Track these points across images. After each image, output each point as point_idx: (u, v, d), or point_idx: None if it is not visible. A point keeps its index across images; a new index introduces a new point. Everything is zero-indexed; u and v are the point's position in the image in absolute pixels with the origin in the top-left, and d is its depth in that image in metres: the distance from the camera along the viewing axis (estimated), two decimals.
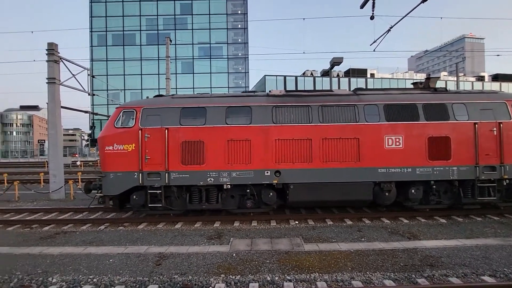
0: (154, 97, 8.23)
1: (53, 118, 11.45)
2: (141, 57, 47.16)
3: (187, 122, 7.23)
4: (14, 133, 78.14)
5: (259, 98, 7.62)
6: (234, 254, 5.06)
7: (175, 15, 47.79)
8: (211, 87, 47.21)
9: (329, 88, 8.20)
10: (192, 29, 47.72)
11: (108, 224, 7.34)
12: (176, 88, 44.64)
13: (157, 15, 47.70)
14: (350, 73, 45.73)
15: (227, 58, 48.28)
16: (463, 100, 7.36)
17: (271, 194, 7.27)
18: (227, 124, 7.17)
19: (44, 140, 50.30)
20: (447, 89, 8.10)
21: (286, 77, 44.68)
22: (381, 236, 6.00)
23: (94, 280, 4.19)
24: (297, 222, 7.22)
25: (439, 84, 10.02)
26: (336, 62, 15.17)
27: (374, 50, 12.48)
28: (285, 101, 7.44)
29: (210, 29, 47.76)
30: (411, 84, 9.16)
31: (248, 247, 5.40)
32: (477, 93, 8.11)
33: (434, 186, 7.28)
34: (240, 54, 48.91)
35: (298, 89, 43.88)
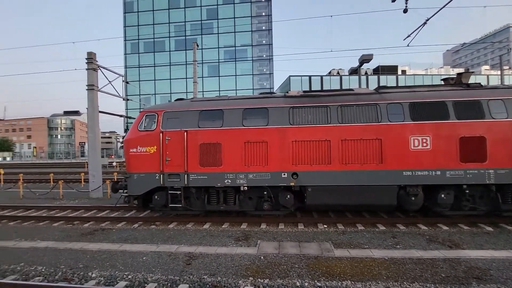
0: (175, 100, 8.49)
1: (92, 122, 12.30)
2: (170, 63, 49.21)
3: (205, 124, 7.37)
4: (59, 136, 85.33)
5: (276, 100, 7.50)
6: (262, 257, 5.02)
7: (201, 20, 49.25)
8: (236, 89, 47.88)
9: (357, 87, 7.79)
10: (218, 33, 48.82)
11: (142, 222, 7.69)
12: (202, 91, 45.97)
13: (185, 22, 49.51)
14: (380, 70, 43.79)
15: (252, 60, 48.67)
16: (501, 96, 6.64)
17: (288, 196, 7.16)
18: (244, 126, 7.20)
19: (84, 143, 54.45)
20: (482, 84, 7.35)
21: (312, 77, 43.95)
22: (419, 244, 5.60)
23: (129, 276, 4.39)
24: (325, 226, 7.01)
25: (479, 80, 9.02)
26: (365, 59, 14.59)
27: (408, 45, 11.77)
28: (302, 101, 7.26)
29: (235, 32, 48.53)
30: (441, 80, 8.39)
31: (276, 250, 5.33)
32: (504, 88, 7.14)
33: (467, 191, 6.65)
34: (264, 55, 49.04)
35: (324, 89, 42.97)
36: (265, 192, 7.28)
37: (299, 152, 6.97)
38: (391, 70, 44.72)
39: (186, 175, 7.31)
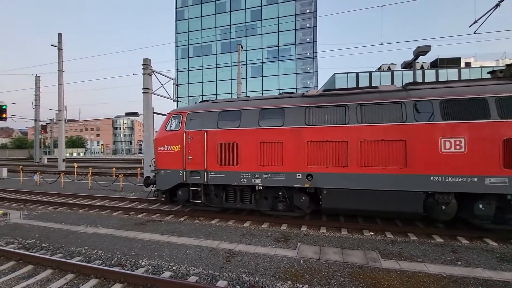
0: (200, 102, 8.83)
1: (147, 122, 13.48)
2: (216, 65, 51.34)
3: (224, 125, 7.61)
4: (121, 135, 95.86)
5: (293, 100, 7.33)
6: (301, 261, 4.87)
7: (245, 22, 50.26)
8: (279, 89, 47.74)
9: (386, 84, 6.89)
10: (262, 33, 49.26)
11: (187, 217, 8.14)
12: (246, 92, 46.89)
13: (230, 25, 51.10)
14: (438, 63, 39.24)
15: (295, 58, 47.95)
16: None
17: (303, 198, 7.02)
18: (260, 126, 7.24)
19: (141, 141, 60.33)
20: None
21: (359, 73, 41.52)
22: (486, 262, 4.82)
23: (174, 268, 4.66)
24: (372, 233, 6.51)
25: None
26: (421, 51, 13.15)
27: (474, 32, 10.16)
28: (320, 101, 6.99)
29: (278, 31, 48.40)
30: (488, 73, 7.10)
31: (316, 255, 5.12)
32: None
33: None
34: (308, 53, 47.91)
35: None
36: (280, 193, 7.26)
37: (315, 153, 6.76)
38: (453, 62, 39.66)
39: (205, 173, 7.68)
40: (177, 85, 20.86)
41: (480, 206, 5.89)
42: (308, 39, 47.92)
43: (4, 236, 6.49)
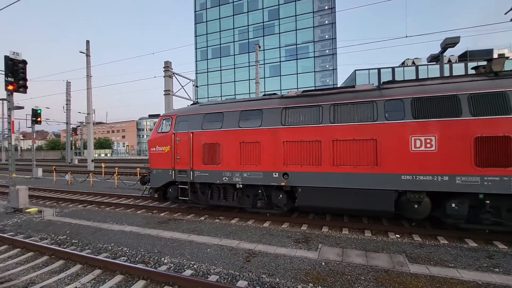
0: (190, 105, 9.25)
1: None
2: (234, 66, 51.76)
3: (208, 126, 8.06)
4: (145, 136, 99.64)
5: (271, 101, 7.56)
6: (323, 263, 4.74)
7: (263, 22, 50.21)
8: (297, 88, 47.23)
9: (366, 83, 6.58)
10: (279, 32, 48.98)
11: (207, 216, 8.24)
12: (264, 91, 46.83)
13: (248, 25, 51.29)
14: (468, 56, 36.84)
15: (314, 56, 47.17)
16: None
17: (280, 196, 7.30)
18: (240, 127, 7.58)
19: None
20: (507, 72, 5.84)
21: (381, 69, 40.04)
22: None
23: (195, 266, 4.72)
24: (398, 235, 6.20)
25: None
26: (449, 43, 12.42)
27: (511, 20, 9.33)
28: (297, 102, 7.19)
29: (296, 30, 47.87)
30: (472, 68, 6.74)
31: (339, 257, 4.96)
32: None
33: (488, 201, 5.56)
34: (327, 51, 46.91)
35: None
36: (260, 191, 7.56)
37: (290, 153, 6.98)
38: (484, 55, 37.00)
39: (192, 172, 8.19)
40: (197, 86, 21.27)
41: (453, 205, 5.82)
42: (326, 36, 46.95)
43: (39, 232, 6.93)
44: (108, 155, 70.46)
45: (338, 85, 47.16)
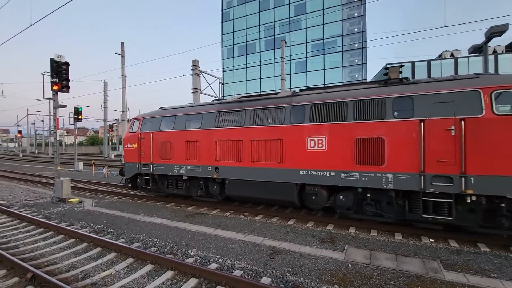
0: (158, 109, 10.60)
1: None
2: (260, 63, 51.71)
3: (164, 127, 9.57)
4: None
5: (210, 106, 8.86)
6: (349, 265, 4.60)
7: (289, 17, 49.46)
8: (324, 84, 45.99)
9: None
10: (306, 27, 47.94)
11: (232, 211, 8.39)
12: (290, 88, 46.26)
13: (274, 21, 50.85)
14: None
15: (342, 51, 45.53)
16: (410, 93, 5.87)
17: (215, 186, 8.59)
18: (186, 129, 9.00)
19: None
20: (404, 79, 6.44)
21: (415, 63, 37.60)
22: None
23: (220, 260, 4.83)
24: (432, 240, 5.82)
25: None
26: (495, 32, 11.22)
27: None
28: (228, 107, 8.35)
29: (323, 24, 46.51)
30: (384, 74, 7.08)
31: (367, 260, 4.78)
32: (441, 81, 5.84)
33: (368, 195, 6.33)
34: (356, 45, 45.01)
35: (432, 76, 36.07)
36: (200, 182, 8.94)
37: (220, 150, 8.21)
38: None
39: (152, 165, 9.76)
40: (223, 84, 21.59)
41: (341, 197, 6.72)
42: (356, 29, 45.05)
43: (79, 221, 7.54)
44: None
45: (368, 80, 45.22)
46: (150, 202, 9.91)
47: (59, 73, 9.95)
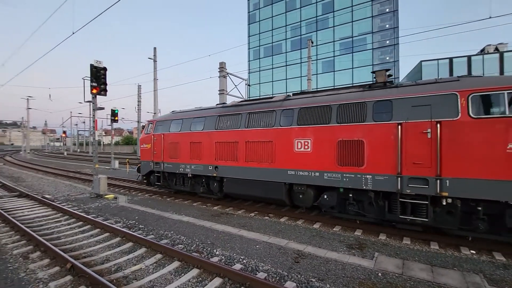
0: (170, 112, 11.53)
1: None
2: (286, 63, 51.36)
3: (173, 129, 10.48)
4: None
5: (211, 110, 9.60)
6: (379, 274, 4.36)
7: (316, 16, 48.56)
8: (352, 83, 44.44)
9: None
10: (333, 26, 46.73)
11: (257, 212, 8.39)
12: (316, 88, 45.34)
13: (300, 21, 50.25)
14: None
15: (372, 48, 43.62)
16: (389, 97, 6.04)
17: (215, 184, 9.23)
18: (191, 131, 9.79)
19: None
20: (388, 82, 6.59)
21: (453, 59, 34.92)
22: None
23: (244, 261, 4.84)
24: (473, 251, 5.32)
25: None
26: None
27: None
28: (227, 111, 9.02)
29: (352, 21, 44.98)
30: (374, 77, 7.12)
31: (399, 270, 4.50)
32: (422, 84, 5.92)
33: (351, 195, 6.61)
34: (387, 41, 42.87)
35: (472, 74, 33.26)
36: (203, 179, 9.66)
37: (219, 151, 8.88)
38: None
39: (162, 164, 10.69)
40: (249, 85, 21.75)
41: (325, 196, 7.00)
42: (387, 25, 42.94)
43: (114, 216, 8.02)
44: None
45: (400, 79, 42.91)
46: (178, 201, 10.26)
47: (98, 77, 10.70)
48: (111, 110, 21.81)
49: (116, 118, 22.09)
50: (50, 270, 4.54)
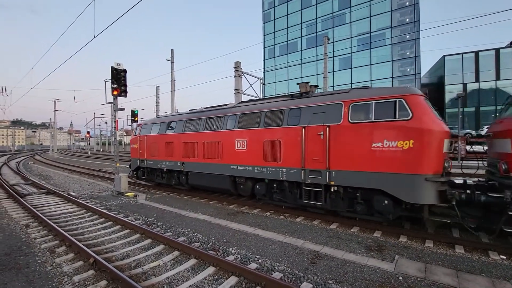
0: (155, 117, 13.50)
1: None
2: (301, 61, 50.80)
3: (153, 132, 12.36)
4: None
5: (181, 116, 11.35)
6: (400, 277, 4.20)
7: (332, 12, 47.61)
8: (371, 80, 43.17)
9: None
10: (351, 22, 45.61)
11: (273, 211, 8.36)
12: (333, 86, 44.52)
13: (316, 18, 49.47)
14: None
15: (391, 44, 42.15)
16: (300, 105, 7.48)
17: (183, 177, 11.03)
18: (166, 133, 11.63)
19: None
20: (306, 93, 8.00)
21: (479, 52, 33.07)
22: None
23: (259, 260, 4.83)
24: (503, 257, 5.00)
25: None
26: None
27: None
28: (192, 116, 10.68)
29: (370, 16, 43.68)
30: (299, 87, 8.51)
31: (421, 274, 4.31)
32: (325, 95, 7.32)
33: (274, 185, 8.13)
34: (408, 36, 41.23)
35: (501, 67, 31.33)
36: (175, 174, 11.42)
37: (185, 149, 10.59)
38: None
39: (145, 161, 12.67)
40: (264, 84, 21.68)
41: (257, 186, 8.53)
42: (407, 19, 41.35)
43: (134, 213, 8.28)
44: None
45: (422, 74, 41.15)
46: (195, 199, 10.42)
47: (118, 79, 11.07)
48: (131, 110, 22.49)
49: (136, 119, 22.70)
50: (74, 264, 4.76)
